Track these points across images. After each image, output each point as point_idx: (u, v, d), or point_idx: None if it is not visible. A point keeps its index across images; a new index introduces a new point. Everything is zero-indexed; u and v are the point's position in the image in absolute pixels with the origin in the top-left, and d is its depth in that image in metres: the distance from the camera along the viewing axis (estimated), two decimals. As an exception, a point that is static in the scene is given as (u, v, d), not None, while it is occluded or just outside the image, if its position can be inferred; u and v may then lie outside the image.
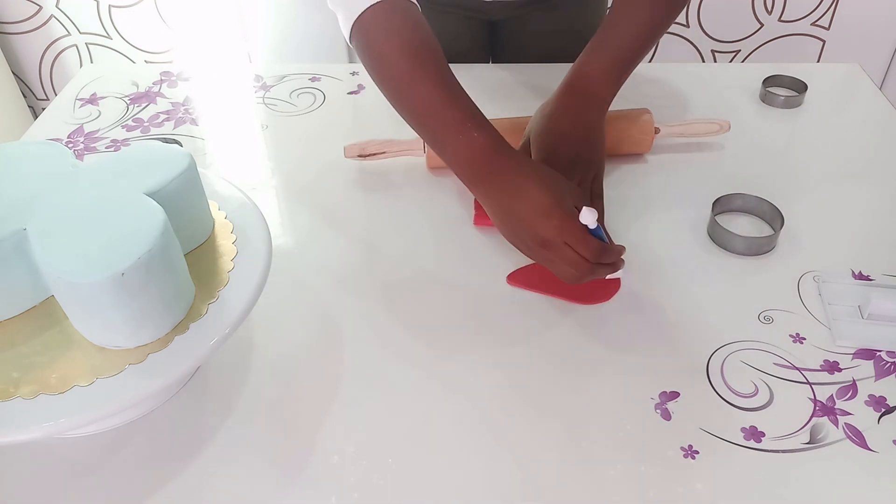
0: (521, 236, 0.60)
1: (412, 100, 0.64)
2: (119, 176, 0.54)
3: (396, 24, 0.65)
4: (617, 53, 0.72)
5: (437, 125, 0.63)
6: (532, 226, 0.58)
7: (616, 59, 0.72)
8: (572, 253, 0.57)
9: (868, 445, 0.53)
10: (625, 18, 0.72)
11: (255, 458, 0.52)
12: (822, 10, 1.71)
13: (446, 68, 0.64)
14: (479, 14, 1.01)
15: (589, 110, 0.71)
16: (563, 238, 0.57)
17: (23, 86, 1.88)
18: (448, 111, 0.62)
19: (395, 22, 0.65)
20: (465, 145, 0.61)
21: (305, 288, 0.67)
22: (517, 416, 0.55)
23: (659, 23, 0.73)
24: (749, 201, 0.74)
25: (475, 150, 0.61)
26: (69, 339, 0.50)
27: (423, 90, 0.63)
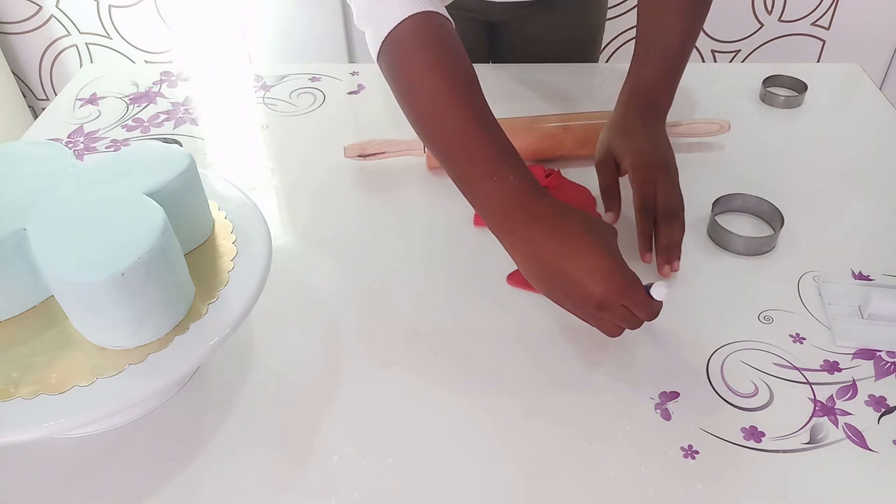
0: (568, 294, 0.53)
1: (441, 131, 0.57)
2: (119, 176, 0.54)
3: (429, 42, 0.58)
4: (665, 63, 0.72)
5: (468, 162, 0.56)
6: (587, 287, 0.52)
7: (665, 68, 0.72)
8: (629, 314, 0.53)
9: (868, 445, 0.53)
10: (662, 25, 0.72)
11: (255, 458, 0.52)
12: (822, 10, 1.71)
13: (480, 96, 0.58)
14: (480, 15, 1.01)
15: (657, 122, 0.71)
16: (623, 301, 0.52)
17: (23, 86, 1.88)
18: (480, 147, 0.56)
19: (427, 40, 0.58)
20: (497, 187, 0.54)
21: (305, 288, 0.67)
22: (517, 416, 0.55)
23: (694, 22, 0.73)
24: (749, 201, 0.74)
25: (509, 193, 0.54)
26: (69, 339, 0.50)
27: (453, 120, 0.56)
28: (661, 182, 0.66)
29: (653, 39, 0.73)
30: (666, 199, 0.65)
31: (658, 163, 0.67)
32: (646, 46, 0.73)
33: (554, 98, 0.93)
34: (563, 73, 0.99)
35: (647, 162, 0.67)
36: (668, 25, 0.72)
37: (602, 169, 0.70)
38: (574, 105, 0.91)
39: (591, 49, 1.08)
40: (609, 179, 0.69)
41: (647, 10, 0.74)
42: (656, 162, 0.67)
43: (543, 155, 0.81)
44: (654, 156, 0.67)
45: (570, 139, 0.80)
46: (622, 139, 0.69)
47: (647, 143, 0.68)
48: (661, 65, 0.72)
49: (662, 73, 0.72)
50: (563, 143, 0.80)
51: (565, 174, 0.79)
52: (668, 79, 0.73)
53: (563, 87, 0.96)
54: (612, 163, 0.70)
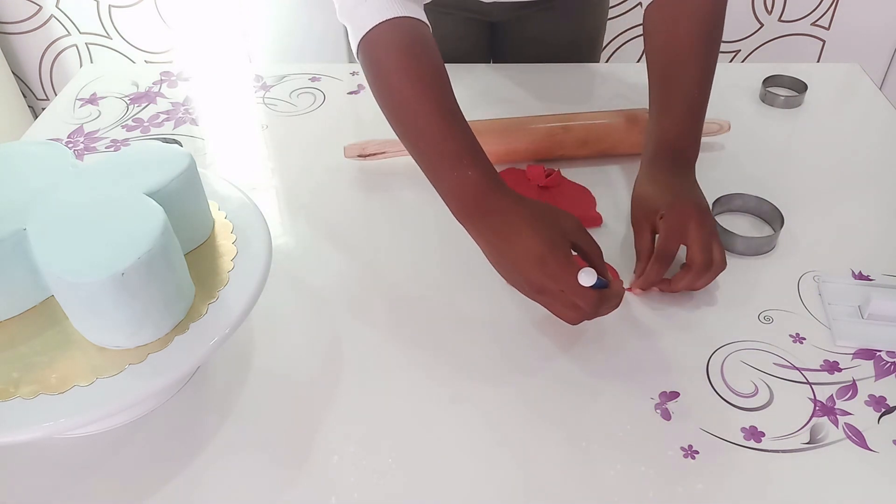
0: (516, 280, 0.58)
1: (411, 127, 0.62)
2: (119, 176, 0.54)
3: (403, 45, 0.62)
4: (687, 110, 0.69)
5: (433, 157, 0.61)
6: (526, 272, 0.56)
7: (689, 115, 0.69)
8: (571, 302, 0.55)
9: (868, 445, 0.53)
10: (678, 71, 0.69)
11: (255, 457, 0.52)
12: (822, 10, 1.71)
13: (450, 97, 0.62)
14: (480, 15, 1.01)
15: (689, 173, 0.68)
16: (557, 287, 0.55)
17: (23, 86, 1.88)
18: (445, 143, 0.60)
19: (402, 43, 0.62)
20: (458, 181, 0.59)
21: (305, 288, 0.67)
22: (517, 416, 0.55)
23: (710, 63, 0.70)
24: (749, 201, 0.74)
25: (468, 187, 0.59)
26: (69, 339, 0.50)
27: (422, 119, 0.60)
28: (695, 231, 0.62)
29: (671, 86, 0.70)
30: (703, 250, 0.62)
31: (694, 212, 0.63)
32: (664, 93, 0.70)
33: (554, 98, 0.93)
34: (563, 73, 0.99)
35: (680, 210, 0.63)
36: (684, 70, 0.69)
37: (637, 230, 0.67)
38: (574, 105, 0.91)
39: (592, 49, 1.08)
40: (643, 241, 0.66)
41: (659, 54, 0.71)
42: (692, 210, 0.63)
43: (543, 155, 0.81)
44: (688, 204, 0.64)
45: (570, 139, 0.80)
46: (655, 193, 0.66)
47: (681, 193, 0.65)
48: (684, 112, 0.69)
49: (686, 122, 0.69)
50: (563, 143, 0.80)
51: (565, 174, 0.79)
52: (693, 126, 0.69)
53: (563, 88, 0.96)
54: (646, 222, 0.66)
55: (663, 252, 0.63)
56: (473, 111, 0.74)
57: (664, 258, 0.63)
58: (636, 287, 0.65)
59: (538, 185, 0.77)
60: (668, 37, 0.70)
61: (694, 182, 0.67)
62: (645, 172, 0.69)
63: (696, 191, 0.66)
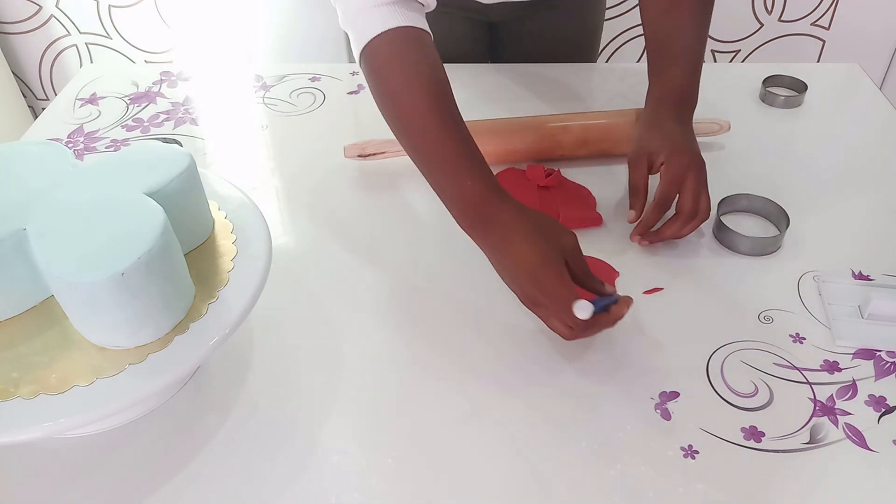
0: (515, 289, 0.59)
1: (413, 138, 0.63)
2: (119, 176, 0.54)
3: (405, 56, 0.63)
4: (689, 61, 0.73)
5: (435, 167, 0.62)
6: (521, 284, 0.57)
7: (691, 66, 0.73)
8: (560, 319, 0.56)
9: (868, 445, 0.53)
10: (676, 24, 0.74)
11: (255, 457, 0.52)
12: (822, 10, 1.71)
13: (451, 107, 0.62)
14: (480, 15, 1.01)
15: (689, 121, 0.73)
16: (550, 303, 0.56)
17: (23, 86, 1.88)
18: (445, 153, 0.61)
19: (403, 54, 0.63)
20: (459, 191, 0.60)
21: (305, 288, 0.67)
22: (517, 415, 0.55)
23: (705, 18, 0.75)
24: (755, 202, 0.74)
25: (468, 197, 0.60)
26: (69, 339, 0.50)
27: (423, 129, 0.61)
28: (692, 182, 0.67)
29: (671, 40, 0.74)
30: (694, 200, 0.67)
31: (692, 162, 0.68)
32: (665, 46, 0.74)
33: (554, 98, 0.93)
34: (562, 72, 0.99)
35: (681, 159, 0.68)
36: (683, 23, 0.74)
37: (635, 166, 0.71)
38: (574, 105, 0.91)
39: (590, 49, 1.08)
40: (640, 177, 0.70)
41: (660, 19, 0.75)
42: (691, 161, 0.68)
43: (543, 155, 0.81)
44: (688, 154, 0.68)
45: (570, 139, 0.80)
46: (657, 137, 0.70)
47: (682, 142, 0.69)
48: (686, 64, 0.73)
49: (689, 72, 0.73)
50: (563, 143, 0.80)
51: (565, 174, 0.79)
52: (694, 77, 0.74)
53: (562, 87, 0.96)
54: (645, 161, 0.70)
55: (664, 198, 0.68)
56: (472, 111, 0.74)
57: (664, 204, 0.68)
58: (636, 235, 0.69)
59: (538, 184, 0.77)
60: (669, 4, 0.74)
61: (692, 132, 0.72)
62: (648, 116, 0.73)
63: (695, 141, 0.71)
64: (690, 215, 0.67)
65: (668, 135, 0.70)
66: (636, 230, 0.69)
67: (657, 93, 0.74)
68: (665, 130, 0.71)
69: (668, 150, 0.68)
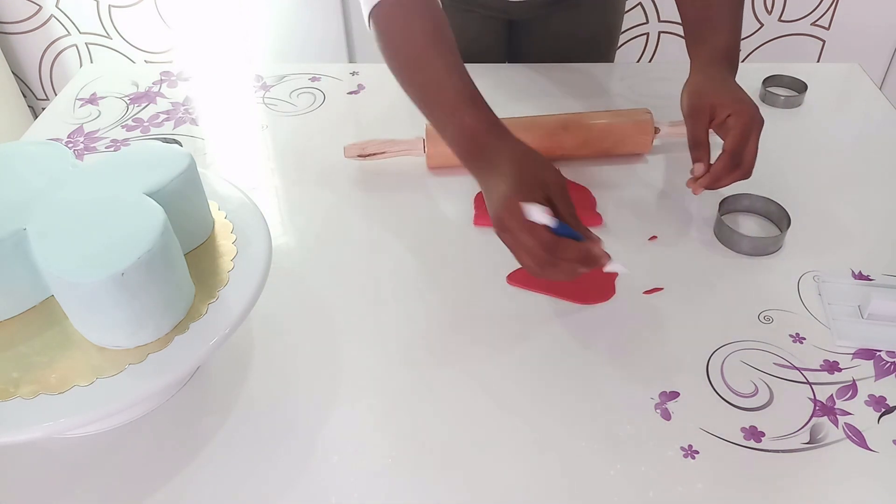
0: (490, 217, 0.60)
1: (417, 81, 0.67)
2: (119, 176, 0.54)
3: (412, 9, 0.67)
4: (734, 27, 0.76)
5: (435, 108, 0.66)
6: (493, 207, 0.59)
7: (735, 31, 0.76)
8: (528, 241, 0.55)
9: (868, 445, 0.53)
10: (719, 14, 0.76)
11: (255, 457, 0.52)
12: (822, 10, 1.71)
13: (454, 53, 0.66)
14: (500, 14, 1.01)
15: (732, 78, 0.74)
16: (511, 222, 0.56)
17: (23, 86, 1.88)
18: (445, 94, 0.65)
19: (411, 8, 0.67)
20: (458, 128, 0.64)
21: (305, 288, 0.67)
22: (517, 415, 0.55)
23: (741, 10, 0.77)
24: (756, 202, 0.74)
25: (465, 132, 0.63)
26: (69, 339, 0.50)
27: (428, 72, 0.65)
28: (756, 135, 0.68)
29: (712, 11, 0.76)
30: (755, 152, 0.68)
31: (758, 115, 0.69)
32: (708, 25, 0.76)
33: (571, 97, 0.93)
34: (581, 72, 0.99)
35: (750, 111, 0.68)
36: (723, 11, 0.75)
37: (696, 119, 0.71)
38: (590, 104, 0.91)
39: (609, 48, 1.07)
40: (702, 130, 0.71)
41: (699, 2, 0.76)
42: (756, 113, 0.69)
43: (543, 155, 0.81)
44: (753, 107, 0.69)
45: (570, 139, 0.80)
46: (720, 90, 0.71)
47: (745, 96, 0.70)
48: (731, 31, 0.75)
49: (733, 38, 0.75)
50: (563, 143, 0.80)
51: (565, 174, 0.78)
52: (738, 43, 0.76)
53: (580, 87, 0.96)
54: (707, 113, 0.70)
55: (737, 149, 0.67)
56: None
57: (737, 155, 0.67)
58: (703, 185, 0.68)
59: (538, 185, 0.77)
60: None
61: None
62: (701, 73, 0.74)
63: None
64: (748, 167, 0.68)
65: (730, 88, 0.71)
66: (704, 181, 0.69)
67: (706, 55, 0.75)
68: (726, 85, 0.72)
69: (735, 102, 0.69)
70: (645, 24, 1.76)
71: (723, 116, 0.69)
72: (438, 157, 0.80)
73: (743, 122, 0.68)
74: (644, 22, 1.75)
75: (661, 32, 1.77)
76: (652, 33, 1.78)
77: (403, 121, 0.90)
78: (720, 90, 0.71)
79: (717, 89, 0.71)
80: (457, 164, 0.81)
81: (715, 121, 0.70)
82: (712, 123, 0.71)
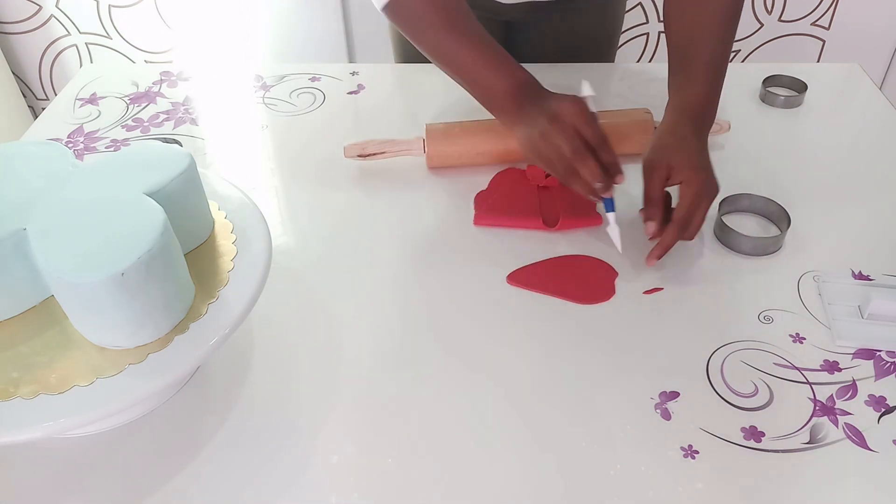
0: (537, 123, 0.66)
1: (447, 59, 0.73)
2: (119, 176, 0.54)
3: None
4: (713, 76, 0.74)
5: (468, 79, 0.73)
6: (551, 106, 0.66)
7: (713, 81, 0.74)
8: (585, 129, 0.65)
9: (868, 445, 0.53)
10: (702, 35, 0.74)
11: (255, 457, 0.52)
12: (822, 10, 1.71)
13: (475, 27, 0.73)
14: (495, 15, 1.00)
15: (705, 138, 0.72)
16: (569, 117, 0.65)
17: (23, 86, 1.88)
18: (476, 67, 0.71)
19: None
20: (492, 95, 0.71)
21: (305, 288, 0.67)
22: (516, 416, 0.55)
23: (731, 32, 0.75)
24: (756, 202, 0.74)
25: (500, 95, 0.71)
26: (69, 339, 0.50)
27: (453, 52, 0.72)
28: (704, 208, 0.67)
29: (695, 51, 0.74)
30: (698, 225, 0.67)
31: (711, 186, 0.68)
32: (688, 63, 0.74)
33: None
34: (579, 73, 0.98)
35: (701, 183, 0.67)
36: (708, 47, 0.73)
37: (654, 176, 0.69)
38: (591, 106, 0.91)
39: (609, 48, 1.07)
40: (658, 189, 0.69)
41: (685, 32, 0.75)
42: (709, 184, 0.68)
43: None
44: (708, 177, 0.68)
45: (570, 139, 0.80)
46: (680, 151, 0.69)
47: (704, 163, 0.69)
48: (708, 81, 0.73)
49: (711, 87, 0.73)
50: (563, 143, 0.80)
51: (565, 174, 0.79)
52: (716, 93, 0.74)
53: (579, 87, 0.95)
54: (664, 172, 0.68)
55: (686, 220, 0.66)
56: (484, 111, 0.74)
57: (686, 225, 0.67)
58: (654, 258, 0.67)
59: (538, 185, 0.77)
60: (695, 17, 0.75)
61: (707, 150, 0.72)
62: (669, 127, 0.72)
63: (710, 162, 0.70)
64: (692, 234, 0.67)
65: (690, 151, 0.69)
66: (657, 252, 0.67)
67: (678, 103, 0.73)
68: (687, 145, 0.69)
69: (689, 169, 0.67)
70: (645, 24, 1.76)
71: (677, 180, 0.68)
72: (438, 157, 0.80)
73: (693, 193, 0.66)
74: (644, 22, 1.75)
75: (660, 32, 1.77)
76: (652, 33, 1.78)
77: (403, 121, 0.90)
78: (680, 151, 0.69)
79: (678, 149, 0.69)
80: (457, 164, 0.81)
81: (670, 181, 0.69)
82: (667, 182, 0.69)
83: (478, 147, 0.80)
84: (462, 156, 0.80)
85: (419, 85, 0.98)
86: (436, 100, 0.94)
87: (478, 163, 0.81)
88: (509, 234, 0.72)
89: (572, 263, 0.69)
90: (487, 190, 0.78)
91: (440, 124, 0.81)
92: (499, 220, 0.73)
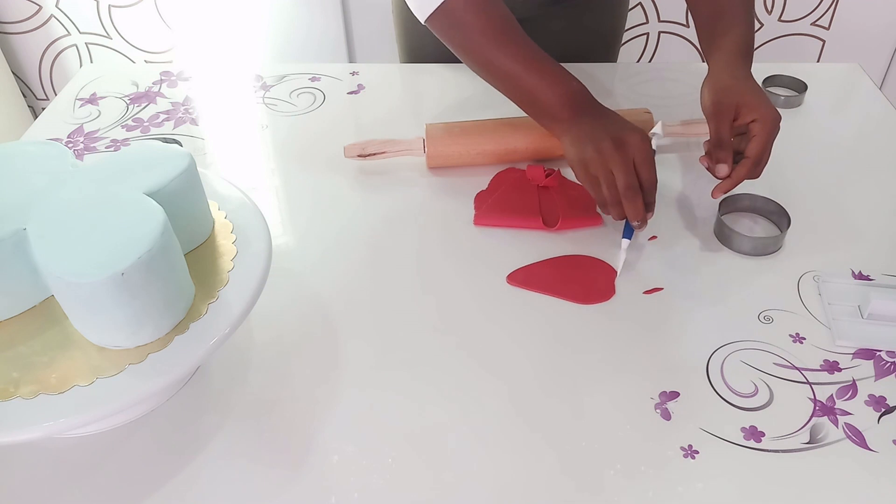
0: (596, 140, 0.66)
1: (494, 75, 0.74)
2: (119, 176, 0.54)
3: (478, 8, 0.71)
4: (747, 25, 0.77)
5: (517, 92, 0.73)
6: (618, 132, 0.66)
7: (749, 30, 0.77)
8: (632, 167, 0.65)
9: (868, 445, 0.53)
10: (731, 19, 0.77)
11: (255, 457, 0.52)
12: (822, 10, 1.71)
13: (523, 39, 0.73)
14: None
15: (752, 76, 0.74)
16: (633, 151, 0.65)
17: (23, 86, 1.88)
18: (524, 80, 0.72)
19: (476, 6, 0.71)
20: (540, 107, 0.72)
21: (305, 288, 0.67)
22: (516, 415, 0.55)
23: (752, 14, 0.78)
24: (756, 201, 0.74)
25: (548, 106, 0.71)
26: (69, 339, 0.50)
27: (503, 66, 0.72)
28: (773, 140, 0.69)
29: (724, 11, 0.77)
30: (767, 160, 0.69)
31: (778, 124, 0.69)
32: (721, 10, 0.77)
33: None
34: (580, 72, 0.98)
35: (774, 120, 0.68)
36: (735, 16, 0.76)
37: (721, 118, 0.70)
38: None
39: (613, 47, 1.07)
40: (726, 129, 0.70)
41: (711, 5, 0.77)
42: (778, 123, 0.69)
43: (543, 155, 0.81)
44: (777, 115, 0.69)
45: (570, 139, 0.80)
46: (745, 91, 0.70)
47: (769, 101, 0.70)
48: (744, 27, 0.76)
49: (750, 31, 0.76)
50: (563, 143, 0.80)
51: (565, 174, 0.79)
52: (752, 39, 0.76)
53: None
54: (732, 111, 0.69)
55: (761, 155, 0.68)
56: (484, 111, 0.74)
57: (761, 161, 0.68)
58: (722, 191, 0.69)
59: (538, 185, 0.77)
60: None
61: None
62: (723, 70, 0.73)
63: None
64: (761, 170, 0.69)
65: (755, 90, 0.71)
66: (727, 186, 0.69)
67: (726, 50, 0.74)
68: (750, 85, 0.71)
69: (760, 106, 0.69)
70: (645, 24, 1.76)
71: (746, 119, 0.69)
72: (438, 157, 0.80)
73: (768, 131, 0.68)
74: (644, 22, 1.75)
75: (661, 32, 1.77)
76: (652, 33, 1.78)
77: (403, 121, 0.90)
78: (745, 90, 0.70)
79: (742, 89, 0.70)
80: (457, 164, 0.81)
81: (737, 121, 0.69)
82: (734, 123, 0.70)
83: (478, 147, 0.80)
84: (462, 156, 0.80)
85: (419, 85, 0.98)
86: (436, 100, 0.94)
87: (478, 163, 0.81)
88: (509, 234, 0.72)
89: (572, 263, 0.69)
90: (487, 190, 0.78)
91: (440, 124, 0.81)
92: (499, 219, 0.73)
